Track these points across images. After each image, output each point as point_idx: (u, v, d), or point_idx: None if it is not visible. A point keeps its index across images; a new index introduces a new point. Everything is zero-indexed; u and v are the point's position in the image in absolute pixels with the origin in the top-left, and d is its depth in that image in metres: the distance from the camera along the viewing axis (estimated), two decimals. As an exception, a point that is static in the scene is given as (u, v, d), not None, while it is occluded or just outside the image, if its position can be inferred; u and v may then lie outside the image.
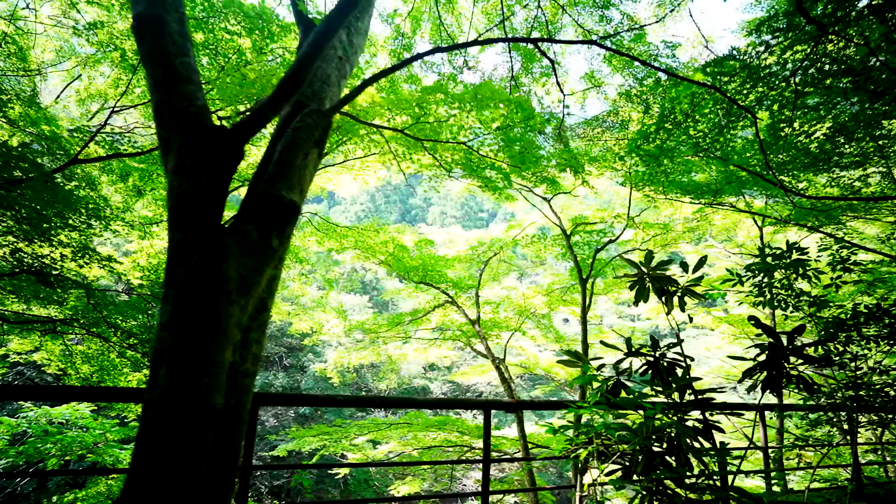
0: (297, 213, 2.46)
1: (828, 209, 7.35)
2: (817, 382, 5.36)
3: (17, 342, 10.89)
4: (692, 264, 4.85)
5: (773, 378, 3.81)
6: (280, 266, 2.40)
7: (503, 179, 7.30)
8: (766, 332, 3.83)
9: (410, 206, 68.09)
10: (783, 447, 5.39)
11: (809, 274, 5.58)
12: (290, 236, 2.44)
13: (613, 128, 11.22)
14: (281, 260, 2.40)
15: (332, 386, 32.89)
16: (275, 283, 2.37)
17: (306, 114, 2.68)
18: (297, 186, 2.49)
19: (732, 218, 13.54)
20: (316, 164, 2.71)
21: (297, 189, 2.50)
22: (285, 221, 2.39)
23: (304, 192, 2.57)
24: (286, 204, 2.40)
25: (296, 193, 2.47)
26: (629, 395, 4.38)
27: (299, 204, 2.48)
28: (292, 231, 2.47)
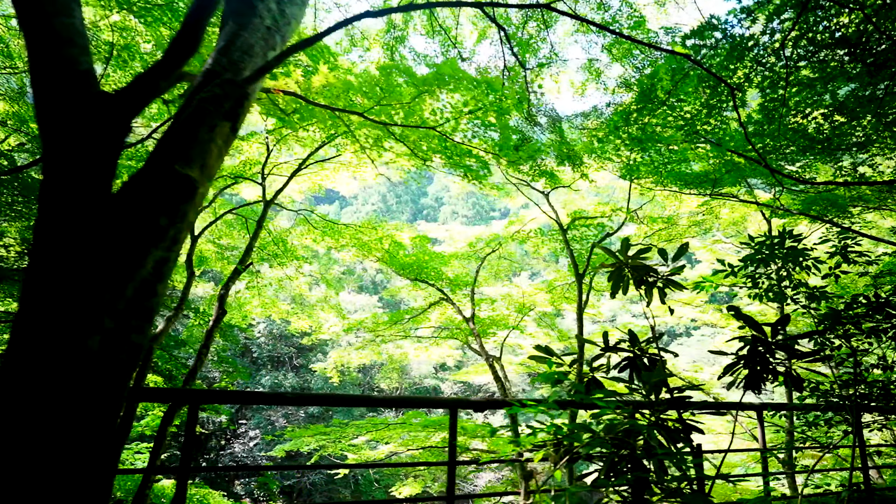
0: (195, 191, 2.22)
1: (837, 199, 6.93)
2: (818, 380, 4.99)
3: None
4: (702, 260, 4.55)
5: (755, 374, 3.49)
6: (174, 248, 2.17)
7: (483, 167, 7.01)
8: (748, 323, 3.51)
9: (422, 206, 67.90)
10: (774, 448, 5.03)
11: (809, 264, 5.23)
12: (185, 215, 2.20)
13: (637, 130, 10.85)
14: (175, 241, 2.16)
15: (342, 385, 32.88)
16: (166, 266, 2.13)
17: (216, 83, 2.45)
18: (197, 161, 2.26)
19: (741, 211, 13.06)
20: (228, 140, 2.48)
21: (198, 164, 2.26)
22: (178, 199, 2.15)
23: (207, 168, 2.33)
24: (180, 179, 2.16)
25: (195, 169, 2.24)
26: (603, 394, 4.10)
27: (198, 180, 2.24)
28: (190, 210, 2.23)
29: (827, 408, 4.54)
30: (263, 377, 32.52)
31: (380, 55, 10.61)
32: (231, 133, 2.49)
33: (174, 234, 2.14)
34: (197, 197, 2.28)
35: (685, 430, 3.55)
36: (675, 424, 3.63)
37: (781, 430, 10.30)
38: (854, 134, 5.10)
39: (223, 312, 7.96)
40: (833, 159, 5.81)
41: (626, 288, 4.49)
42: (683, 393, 3.97)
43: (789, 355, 3.53)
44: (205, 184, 2.34)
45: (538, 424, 3.44)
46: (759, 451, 4.39)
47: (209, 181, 2.38)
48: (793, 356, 3.49)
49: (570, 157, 10.32)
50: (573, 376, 4.02)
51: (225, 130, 2.43)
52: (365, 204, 63.59)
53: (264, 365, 34.95)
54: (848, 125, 4.96)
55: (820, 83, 4.48)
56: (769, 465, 8.45)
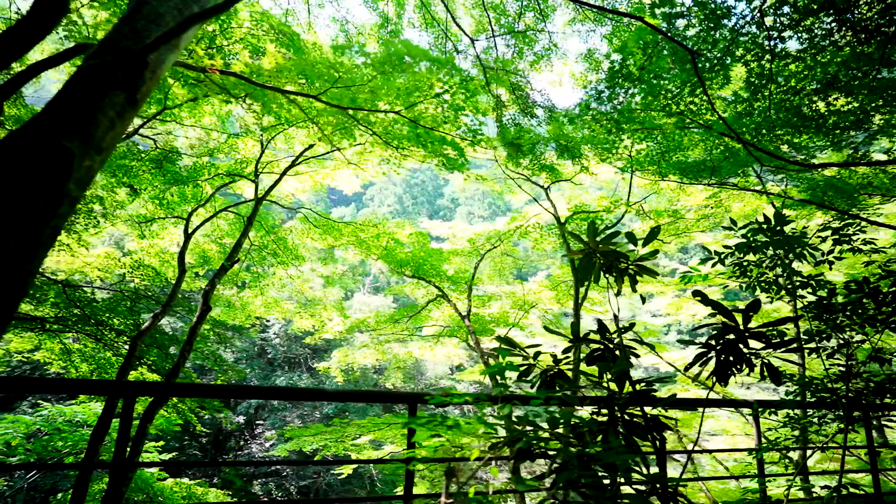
0: (70, 164, 2.07)
1: (842, 186, 6.51)
2: (813, 375, 4.65)
3: (17, 341, 11.05)
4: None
5: (724, 364, 3.20)
6: (52, 234, 2.02)
7: (460, 156, 6.78)
8: (716, 309, 3.23)
9: (438, 206, 67.79)
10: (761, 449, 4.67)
11: (805, 253, 4.90)
12: (66, 194, 2.05)
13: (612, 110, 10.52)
14: (54, 225, 2.01)
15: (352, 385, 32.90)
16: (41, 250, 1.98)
17: (108, 51, 2.30)
18: (78, 132, 2.11)
19: (752, 203, 12.56)
20: (122, 112, 2.32)
21: (79, 136, 2.11)
22: (53, 174, 2.00)
23: (93, 139, 2.17)
24: (56, 150, 2.01)
25: (75, 141, 2.09)
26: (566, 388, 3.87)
27: (77, 153, 2.09)
28: (70, 187, 2.08)
29: (817, 404, 4.20)
30: (279, 378, 32.76)
31: (375, 50, 10.48)
32: (128, 105, 2.34)
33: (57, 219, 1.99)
34: (80, 171, 2.12)
35: (648, 428, 3.29)
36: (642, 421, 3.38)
37: (793, 426, 9.81)
38: (852, 111, 4.73)
39: (207, 309, 7.89)
40: (830, 140, 5.43)
41: (598, 276, 4.24)
42: (653, 386, 3.70)
43: (767, 345, 3.25)
44: (92, 157, 2.18)
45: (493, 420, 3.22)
46: (746, 450, 4.08)
47: (99, 154, 2.23)
48: (770, 346, 3.20)
49: (568, 148, 10.03)
50: (538, 369, 3.80)
51: (117, 100, 2.28)
52: (381, 206, 63.77)
53: (280, 366, 35.21)
54: (843, 100, 4.61)
55: (808, 55, 4.15)
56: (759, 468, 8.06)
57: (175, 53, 2.68)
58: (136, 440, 6.32)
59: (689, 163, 7.26)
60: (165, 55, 2.57)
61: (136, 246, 12.65)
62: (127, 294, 9.19)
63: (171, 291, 8.15)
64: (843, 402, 3.84)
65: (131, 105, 2.37)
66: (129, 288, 9.67)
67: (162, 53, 2.54)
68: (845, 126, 4.91)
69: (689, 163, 7.26)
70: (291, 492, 30.70)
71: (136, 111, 2.43)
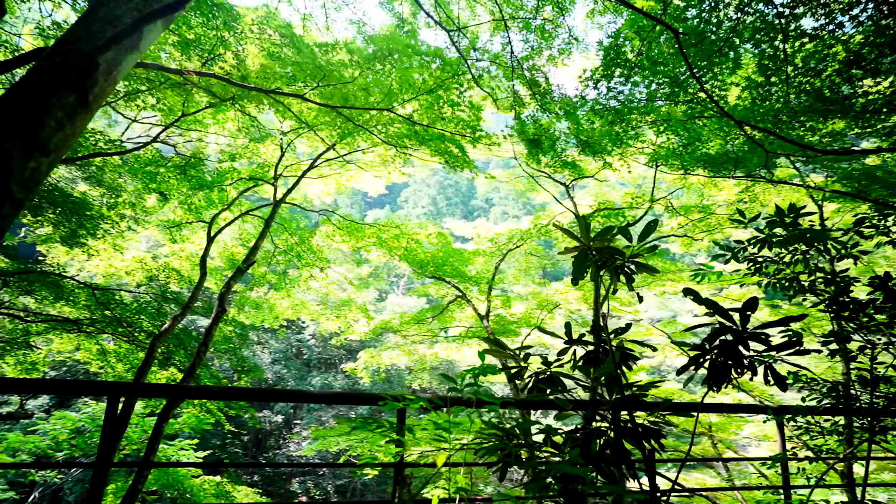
0: (9, 165, 2.06)
1: (879, 174, 6.00)
2: (820, 378, 4.29)
3: (58, 342, 11.58)
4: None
5: (723, 368, 2.96)
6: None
7: (461, 153, 6.62)
8: (711, 308, 2.99)
9: (472, 207, 67.54)
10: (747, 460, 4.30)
11: (830, 247, 4.56)
12: (8, 195, 2.05)
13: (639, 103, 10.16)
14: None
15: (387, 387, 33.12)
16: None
17: (60, 52, 2.30)
18: (19, 135, 2.10)
19: (791, 197, 11.88)
20: (73, 114, 2.31)
21: (19, 138, 2.11)
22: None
23: (37, 141, 2.17)
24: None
25: (14, 143, 2.08)
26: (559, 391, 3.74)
27: (16, 155, 2.08)
28: (13, 188, 2.08)
29: (844, 411, 3.86)
30: (314, 378, 33.30)
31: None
32: (79, 106, 2.33)
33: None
34: (24, 173, 2.12)
35: (637, 434, 3.09)
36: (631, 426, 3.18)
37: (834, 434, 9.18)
38: (882, 91, 4.33)
39: (223, 310, 8.03)
40: (860, 125, 4.99)
41: (595, 274, 4.04)
42: (647, 391, 3.48)
43: (768, 348, 2.99)
44: (37, 159, 2.18)
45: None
46: (746, 459, 3.80)
47: (46, 156, 2.23)
48: (771, 349, 2.94)
49: (589, 144, 9.73)
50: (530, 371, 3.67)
51: (67, 102, 2.27)
52: (415, 207, 64.05)
53: (316, 367, 35.81)
54: (870, 80, 4.22)
55: (826, 33, 3.82)
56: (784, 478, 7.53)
57: (135, 55, 2.67)
58: (151, 439, 6.49)
59: (712, 155, 6.88)
60: (122, 56, 2.56)
61: (168, 250, 13.07)
62: (153, 296, 9.47)
63: (192, 294, 8.34)
64: (866, 409, 3.51)
65: (83, 106, 2.36)
66: (156, 291, 9.96)
67: (118, 54, 2.53)
68: (875, 109, 4.50)
69: (712, 155, 6.88)
70: (329, 491, 31.18)
71: (89, 113, 2.43)
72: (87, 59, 2.32)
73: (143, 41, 2.73)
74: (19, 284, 8.60)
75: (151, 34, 2.76)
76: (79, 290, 8.79)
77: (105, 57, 2.43)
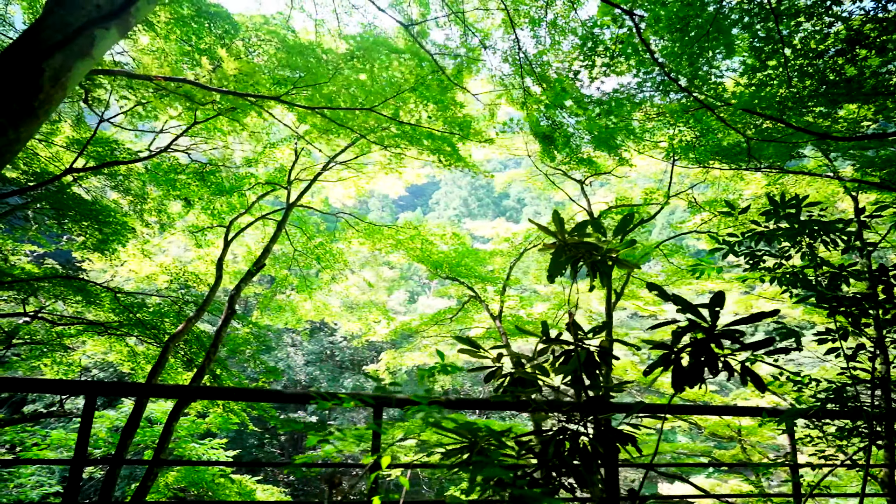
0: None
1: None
2: (825, 379, 4.01)
3: (92, 344, 12.11)
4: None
5: (691, 369, 2.78)
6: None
7: (453, 151, 6.51)
8: (679, 304, 2.82)
9: (504, 207, 67.17)
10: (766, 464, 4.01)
11: (838, 239, 4.30)
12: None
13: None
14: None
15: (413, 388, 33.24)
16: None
17: (3, 60, 2.37)
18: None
19: (825, 189, 11.26)
20: (16, 121, 2.38)
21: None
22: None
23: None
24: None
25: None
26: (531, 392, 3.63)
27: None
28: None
29: (849, 414, 3.58)
30: (346, 379, 33.74)
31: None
32: (23, 113, 2.39)
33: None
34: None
35: (602, 439, 2.95)
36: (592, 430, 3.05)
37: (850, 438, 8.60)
38: (891, 71, 4.00)
39: (232, 312, 8.21)
40: (873, 108, 4.63)
41: (574, 271, 3.92)
42: (618, 391, 3.33)
43: (742, 346, 2.80)
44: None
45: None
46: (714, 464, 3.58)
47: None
48: (743, 347, 2.76)
49: (603, 140, 9.49)
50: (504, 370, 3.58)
51: (10, 109, 2.34)
52: (446, 209, 64.19)
53: (348, 368, 36.28)
54: (877, 59, 3.90)
55: (822, 9, 3.57)
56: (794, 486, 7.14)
57: (87, 62, 2.73)
58: (162, 438, 6.68)
59: (724, 147, 6.57)
60: (72, 63, 2.63)
61: (194, 254, 13.49)
62: (174, 300, 9.77)
63: (206, 297, 8.57)
64: (867, 413, 3.25)
65: (28, 113, 2.42)
66: (177, 294, 10.28)
67: (67, 61, 2.60)
68: (887, 91, 4.16)
69: (724, 147, 6.57)
70: (363, 490, 31.51)
71: (35, 120, 2.49)
72: (29, 67, 2.38)
73: (96, 48, 2.79)
74: (49, 290, 9.02)
75: (105, 41, 2.82)
76: (104, 295, 9.15)
77: (51, 64, 2.49)
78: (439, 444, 3.31)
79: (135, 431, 6.28)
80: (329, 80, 5.27)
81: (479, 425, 2.92)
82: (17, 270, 8.96)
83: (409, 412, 3.08)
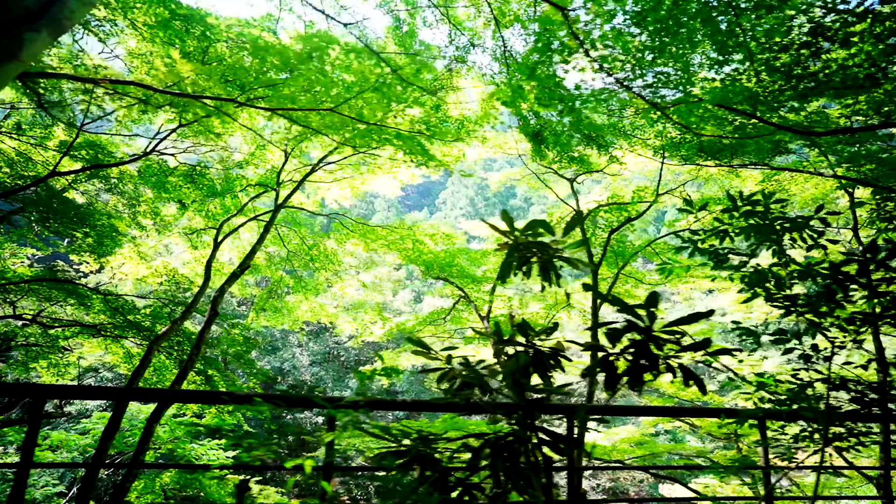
0: None
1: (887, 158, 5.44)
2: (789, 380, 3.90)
3: (88, 346, 12.22)
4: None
5: (628, 371, 2.71)
6: None
7: (420, 149, 6.46)
8: (615, 304, 2.75)
9: (511, 207, 66.91)
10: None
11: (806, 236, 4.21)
12: None
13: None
14: None
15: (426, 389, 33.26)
16: None
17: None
18: None
19: (823, 185, 11.07)
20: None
21: None
22: None
23: None
24: None
25: None
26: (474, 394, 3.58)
27: None
28: None
29: (776, 415, 3.46)
30: (351, 380, 33.84)
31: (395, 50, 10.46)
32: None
33: None
34: None
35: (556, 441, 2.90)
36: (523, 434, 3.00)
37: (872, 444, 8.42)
38: (857, 63, 3.87)
39: (215, 314, 8.23)
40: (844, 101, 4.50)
41: (529, 272, 3.86)
42: (558, 393, 3.27)
43: (682, 348, 2.73)
44: None
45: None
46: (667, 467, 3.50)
47: None
48: (682, 349, 2.68)
49: (592, 137, 9.40)
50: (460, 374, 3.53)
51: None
52: (453, 209, 64.10)
53: (353, 368, 36.39)
54: (843, 52, 3.78)
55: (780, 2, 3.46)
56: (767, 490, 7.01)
57: (14, 65, 2.73)
58: (142, 440, 6.71)
59: (705, 144, 6.46)
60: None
61: (190, 256, 13.57)
62: (165, 301, 9.83)
63: (193, 298, 8.61)
64: (821, 414, 3.15)
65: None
66: (168, 296, 10.34)
67: None
68: (858, 85, 4.04)
69: (705, 144, 6.46)
70: (370, 490, 31.64)
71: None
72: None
73: (25, 51, 2.78)
74: (40, 292, 9.12)
75: (35, 44, 2.81)
76: (95, 297, 9.23)
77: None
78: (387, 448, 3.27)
79: (114, 435, 6.32)
80: (284, 83, 5.26)
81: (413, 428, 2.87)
82: (10, 273, 9.07)
83: (340, 415, 3.06)
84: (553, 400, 3.90)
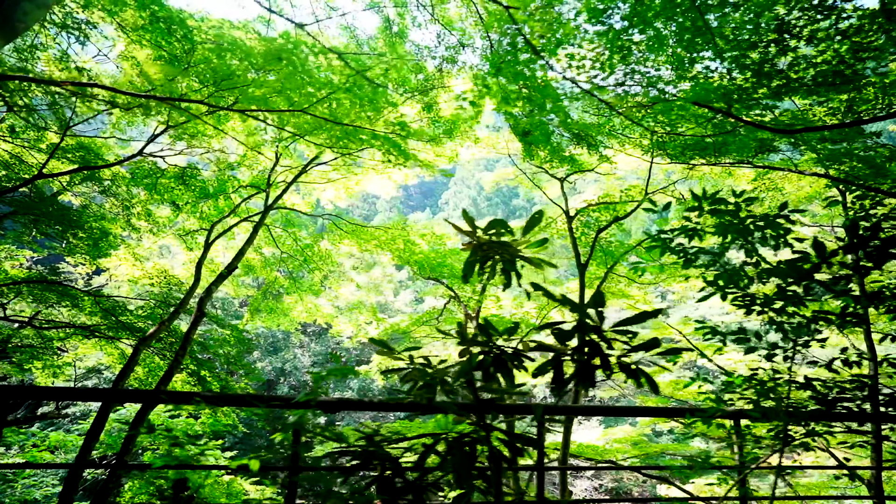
0: None
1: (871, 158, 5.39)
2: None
3: (83, 347, 12.30)
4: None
5: (579, 371, 2.70)
6: None
7: (396, 149, 6.46)
8: (565, 305, 2.74)
9: (514, 207, 66.85)
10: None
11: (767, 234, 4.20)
12: None
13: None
14: None
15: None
16: None
17: None
18: None
19: (818, 183, 11.00)
20: None
21: None
22: None
23: None
24: None
25: None
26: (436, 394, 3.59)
27: None
28: None
29: (745, 415, 3.44)
30: (352, 380, 33.88)
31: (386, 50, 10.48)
32: None
33: None
34: None
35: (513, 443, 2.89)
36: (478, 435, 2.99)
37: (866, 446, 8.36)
38: (827, 61, 3.84)
39: (201, 315, 8.26)
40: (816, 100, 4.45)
41: (493, 272, 3.86)
42: (511, 393, 3.26)
43: (634, 349, 2.72)
44: None
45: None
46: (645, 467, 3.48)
47: None
48: (632, 349, 2.67)
49: (579, 136, 9.38)
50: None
51: None
52: (456, 209, 64.09)
53: (350, 369, 36.39)
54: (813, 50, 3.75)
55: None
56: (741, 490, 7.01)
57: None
58: (125, 442, 6.74)
59: (689, 142, 6.43)
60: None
61: (185, 257, 13.64)
62: (157, 303, 9.88)
63: (182, 299, 8.65)
64: (784, 415, 3.12)
65: None
66: (160, 297, 10.39)
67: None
68: (826, 81, 4.00)
69: (689, 142, 6.43)
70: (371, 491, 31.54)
71: None
72: None
73: (-22, 54, 2.81)
74: (33, 293, 9.18)
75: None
76: (86, 298, 9.29)
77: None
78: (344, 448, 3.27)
79: (99, 436, 6.35)
80: (252, 83, 5.28)
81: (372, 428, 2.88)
82: (1, 275, 9.14)
83: (292, 414, 3.06)
84: (512, 400, 3.89)
